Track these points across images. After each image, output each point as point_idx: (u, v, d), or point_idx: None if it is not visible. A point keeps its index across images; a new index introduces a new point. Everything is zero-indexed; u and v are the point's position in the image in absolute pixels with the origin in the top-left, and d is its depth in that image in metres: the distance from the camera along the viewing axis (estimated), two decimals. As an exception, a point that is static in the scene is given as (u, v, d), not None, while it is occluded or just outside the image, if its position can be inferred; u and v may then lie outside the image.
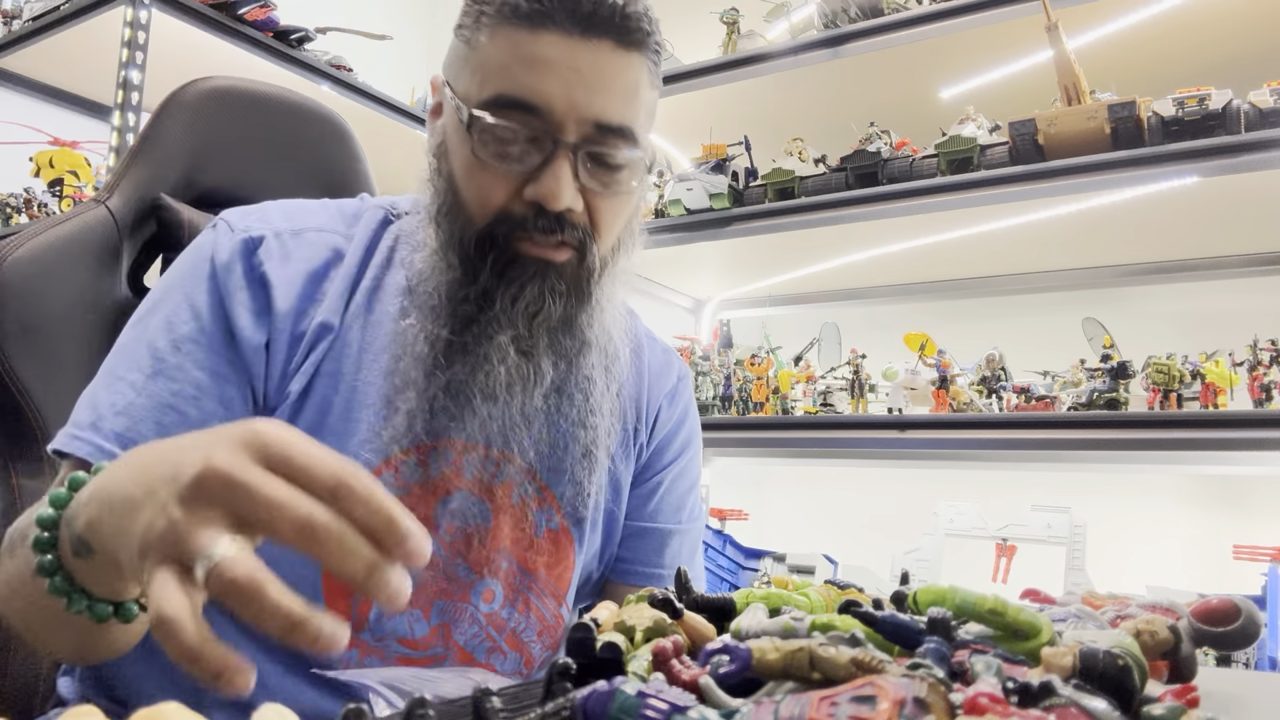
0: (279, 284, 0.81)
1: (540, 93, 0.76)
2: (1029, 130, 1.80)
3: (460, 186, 0.81)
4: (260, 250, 0.82)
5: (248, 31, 2.27)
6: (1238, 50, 1.95)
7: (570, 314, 0.83)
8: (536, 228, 0.79)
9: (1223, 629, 0.53)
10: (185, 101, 1.12)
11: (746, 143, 2.25)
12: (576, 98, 0.77)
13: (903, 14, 2.02)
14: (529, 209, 0.79)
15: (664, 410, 1.00)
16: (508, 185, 0.79)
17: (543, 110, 0.77)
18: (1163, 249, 2.17)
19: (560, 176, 0.77)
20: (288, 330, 0.81)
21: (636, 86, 0.81)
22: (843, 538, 2.56)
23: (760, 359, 2.20)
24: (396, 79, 2.87)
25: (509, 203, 0.79)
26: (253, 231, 0.83)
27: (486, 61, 0.79)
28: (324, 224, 0.87)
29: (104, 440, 0.74)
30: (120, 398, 0.76)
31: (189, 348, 0.78)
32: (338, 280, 0.84)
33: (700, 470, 1.07)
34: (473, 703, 0.36)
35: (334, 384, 0.82)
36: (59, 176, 2.31)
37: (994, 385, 1.90)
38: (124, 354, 0.79)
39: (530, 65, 0.77)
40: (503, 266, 0.80)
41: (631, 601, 0.53)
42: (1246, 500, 2.15)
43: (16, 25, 2.43)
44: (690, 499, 1.03)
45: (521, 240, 0.80)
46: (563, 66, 0.76)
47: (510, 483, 0.86)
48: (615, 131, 0.79)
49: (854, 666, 0.37)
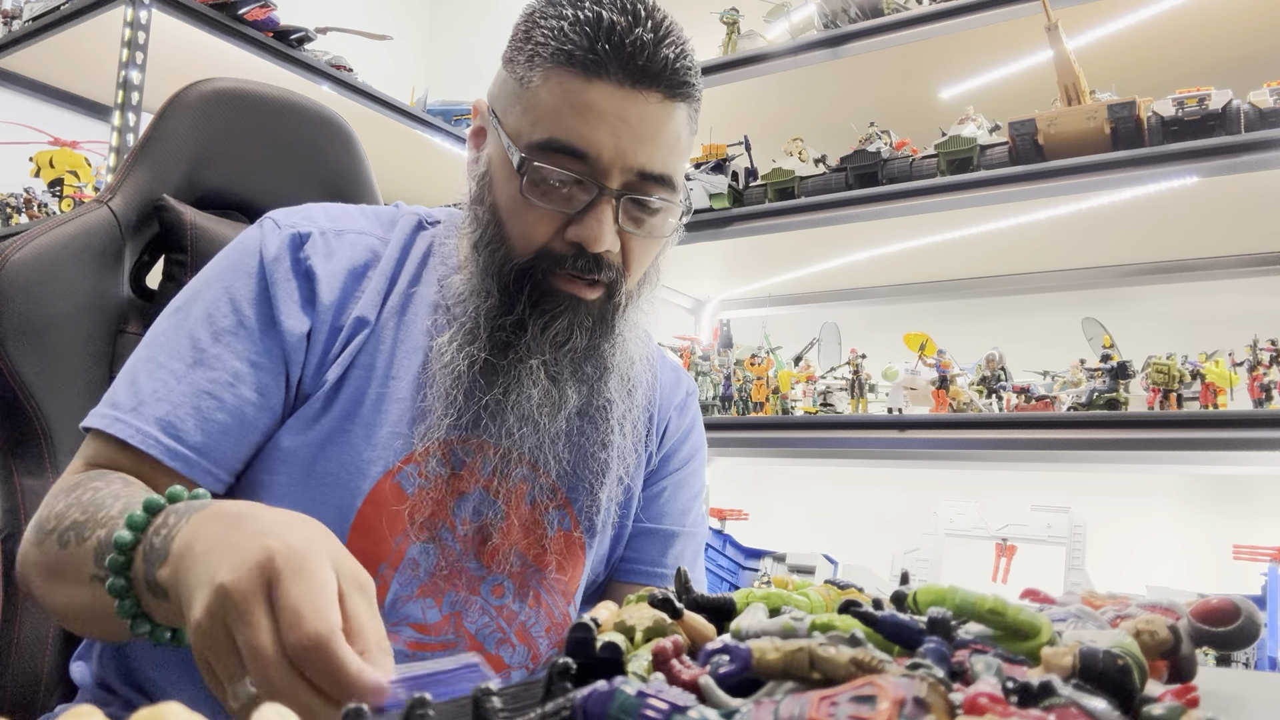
0: (324, 278, 0.86)
1: (591, 140, 0.80)
2: (1029, 130, 1.80)
3: (505, 220, 0.85)
4: (307, 245, 0.87)
5: (248, 31, 2.27)
6: (1238, 50, 1.95)
7: (594, 344, 0.88)
8: (575, 267, 0.83)
9: (1223, 629, 0.54)
10: (188, 103, 1.12)
11: (746, 143, 2.25)
12: (624, 147, 0.81)
13: (903, 14, 2.02)
14: (569, 248, 0.83)
15: (673, 421, 1.05)
16: (551, 224, 0.83)
17: (591, 157, 0.81)
18: (1163, 249, 2.17)
19: (603, 221, 0.81)
20: (329, 322, 0.85)
21: (679, 136, 0.85)
22: (843, 538, 2.56)
23: (760, 359, 2.20)
24: (396, 79, 2.87)
25: (551, 241, 0.84)
26: (300, 228, 0.88)
27: (539, 104, 0.82)
28: (364, 227, 0.92)
29: (144, 424, 0.78)
30: (162, 385, 0.80)
31: (228, 339, 0.83)
32: (375, 279, 0.88)
33: (705, 481, 1.11)
34: (473, 702, 0.36)
35: (368, 376, 0.86)
36: (59, 176, 2.31)
37: (994, 385, 1.90)
38: (165, 342, 0.83)
39: (582, 114, 0.80)
40: (538, 298, 0.85)
41: (631, 601, 0.53)
42: (1246, 500, 2.15)
43: (16, 25, 2.43)
44: (695, 506, 1.07)
45: (559, 277, 0.84)
46: (613, 117, 0.80)
47: (526, 485, 0.89)
48: (657, 180, 0.83)
49: (854, 666, 0.37)
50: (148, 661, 0.84)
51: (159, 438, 0.78)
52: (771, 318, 2.74)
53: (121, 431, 0.78)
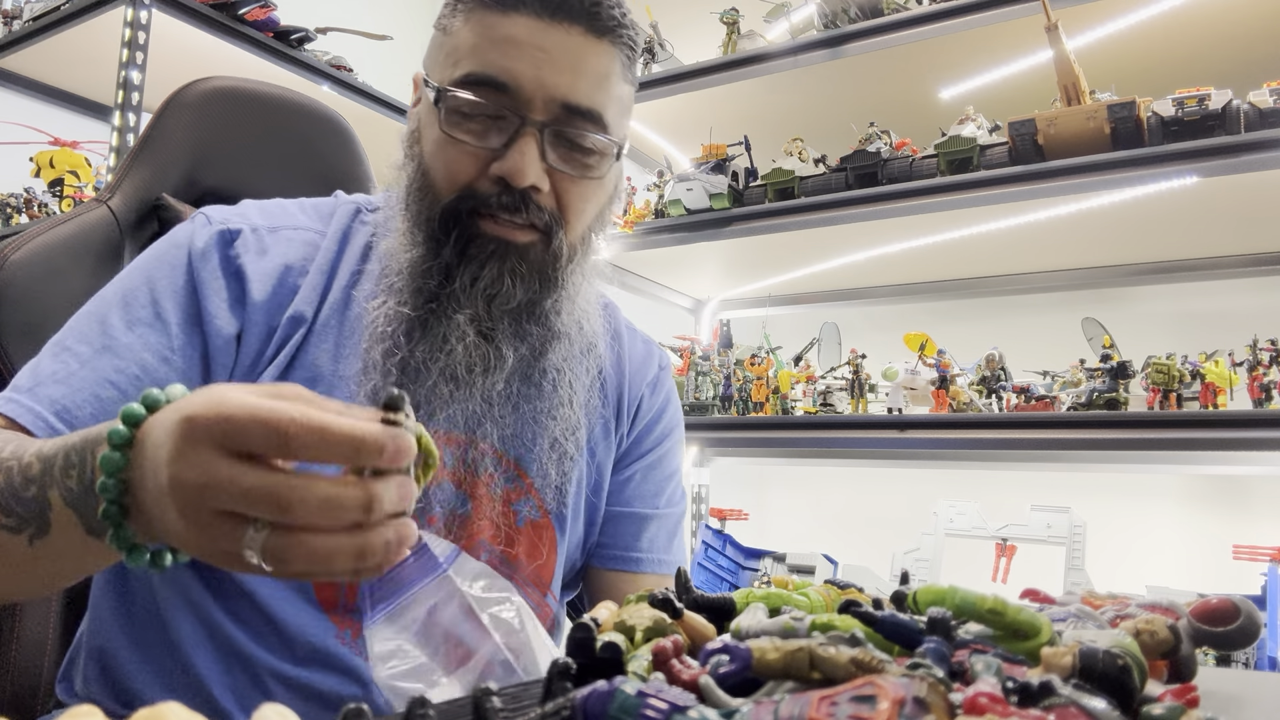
0: (255, 277, 0.82)
1: (508, 70, 0.79)
2: (1029, 130, 1.80)
3: (429, 164, 0.83)
4: (237, 243, 0.84)
5: (248, 31, 2.27)
6: (1238, 50, 1.95)
7: (534, 299, 0.84)
8: (501, 205, 0.80)
9: (1223, 629, 0.54)
10: (187, 102, 1.12)
11: (746, 143, 2.25)
12: (544, 77, 0.79)
13: (903, 14, 2.02)
14: (495, 186, 0.80)
15: (645, 400, 1.01)
16: (475, 162, 0.81)
17: (510, 88, 0.79)
18: (1163, 249, 2.17)
19: (525, 153, 0.79)
20: (262, 323, 0.82)
21: (607, 74, 0.82)
22: (843, 538, 2.56)
23: (760, 359, 2.19)
24: (396, 79, 2.86)
25: (476, 180, 0.81)
26: (230, 224, 0.85)
27: (460, 44, 0.81)
28: (300, 222, 0.89)
29: (37, 404, 0.73)
30: (63, 368, 0.76)
31: (141, 330, 0.79)
32: (313, 275, 0.85)
33: (681, 459, 1.07)
34: (473, 702, 0.36)
35: (311, 376, 0.82)
36: (59, 176, 2.31)
37: (994, 385, 1.90)
38: (76, 326, 0.79)
39: (500, 45, 0.79)
40: (464, 244, 0.81)
41: (631, 601, 0.53)
42: (1246, 500, 2.15)
43: (16, 25, 2.43)
44: (670, 486, 1.03)
45: (484, 218, 0.81)
46: (531, 47, 0.79)
47: (490, 474, 0.86)
48: (583, 114, 0.81)
49: (854, 666, 0.37)
50: (133, 675, 0.82)
51: (50, 420, 0.72)
52: (771, 318, 2.74)
53: (12, 411, 0.72)
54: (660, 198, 2.32)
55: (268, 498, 0.47)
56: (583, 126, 0.81)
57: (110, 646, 0.83)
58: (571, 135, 0.81)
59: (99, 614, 0.85)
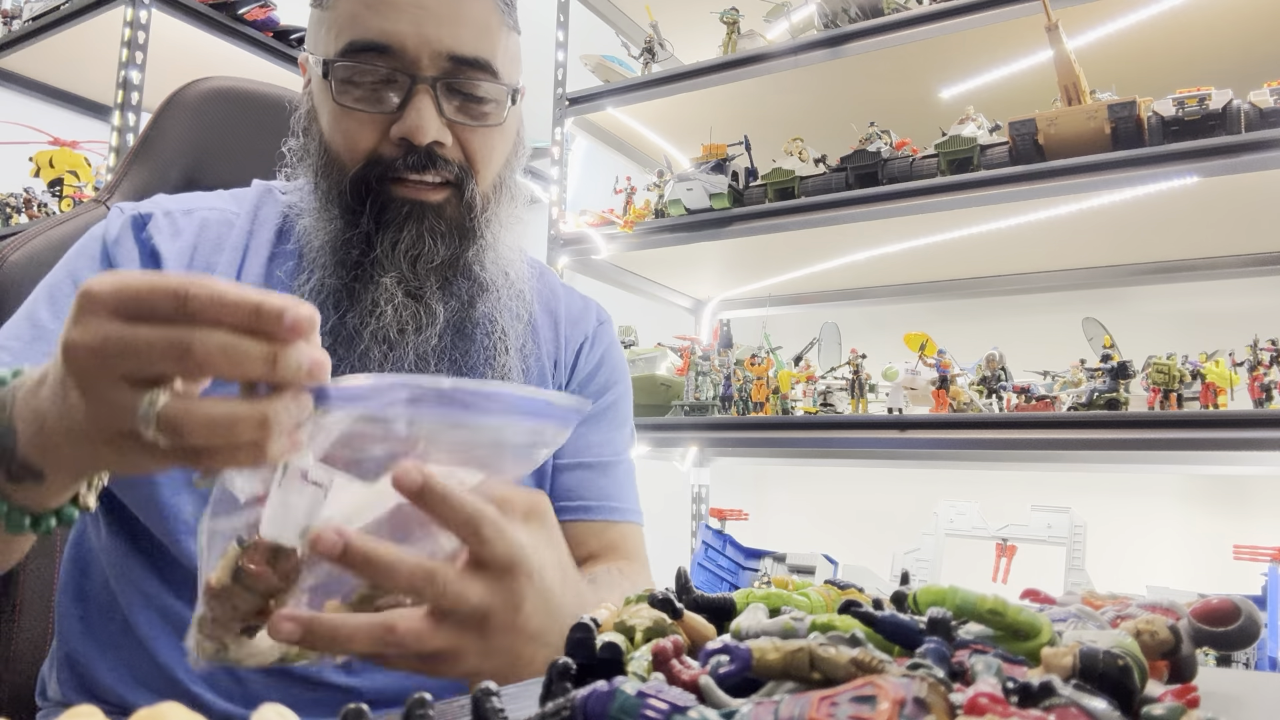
0: (169, 256, 0.83)
1: (389, 32, 0.79)
2: (1029, 130, 1.80)
3: (330, 140, 0.84)
4: (150, 225, 0.85)
5: (248, 31, 2.27)
6: (1238, 50, 1.95)
7: (457, 254, 0.85)
8: (409, 166, 0.81)
9: (1223, 629, 0.53)
10: (186, 102, 1.12)
11: (746, 143, 2.24)
12: (427, 32, 0.80)
13: (903, 14, 2.02)
14: (398, 149, 0.81)
15: (584, 354, 1.01)
16: (374, 128, 0.82)
17: (395, 49, 0.80)
18: (1163, 249, 2.17)
19: (422, 110, 0.80)
20: None
21: (488, 22, 0.83)
22: (843, 538, 2.56)
23: (760, 359, 2.19)
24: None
25: (378, 145, 0.82)
26: (142, 210, 0.86)
27: (339, 16, 0.82)
28: (213, 204, 0.90)
29: None
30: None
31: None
32: (228, 251, 0.86)
33: (629, 413, 1.06)
34: (473, 702, 0.36)
35: None
36: (59, 176, 2.31)
37: (994, 385, 1.90)
38: (8, 328, 0.80)
39: (377, 9, 0.80)
40: (379, 211, 0.82)
41: (631, 601, 0.53)
42: (1246, 500, 2.15)
43: (16, 25, 2.44)
44: (618, 437, 1.01)
45: (395, 183, 0.82)
46: (409, 5, 0.80)
47: None
48: (472, 63, 0.82)
49: (854, 666, 0.37)
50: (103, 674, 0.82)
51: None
52: (771, 318, 2.74)
53: None
54: (660, 198, 2.32)
55: (165, 344, 0.45)
56: (473, 75, 0.82)
57: (78, 649, 0.84)
58: (464, 86, 0.82)
59: (64, 619, 0.86)
